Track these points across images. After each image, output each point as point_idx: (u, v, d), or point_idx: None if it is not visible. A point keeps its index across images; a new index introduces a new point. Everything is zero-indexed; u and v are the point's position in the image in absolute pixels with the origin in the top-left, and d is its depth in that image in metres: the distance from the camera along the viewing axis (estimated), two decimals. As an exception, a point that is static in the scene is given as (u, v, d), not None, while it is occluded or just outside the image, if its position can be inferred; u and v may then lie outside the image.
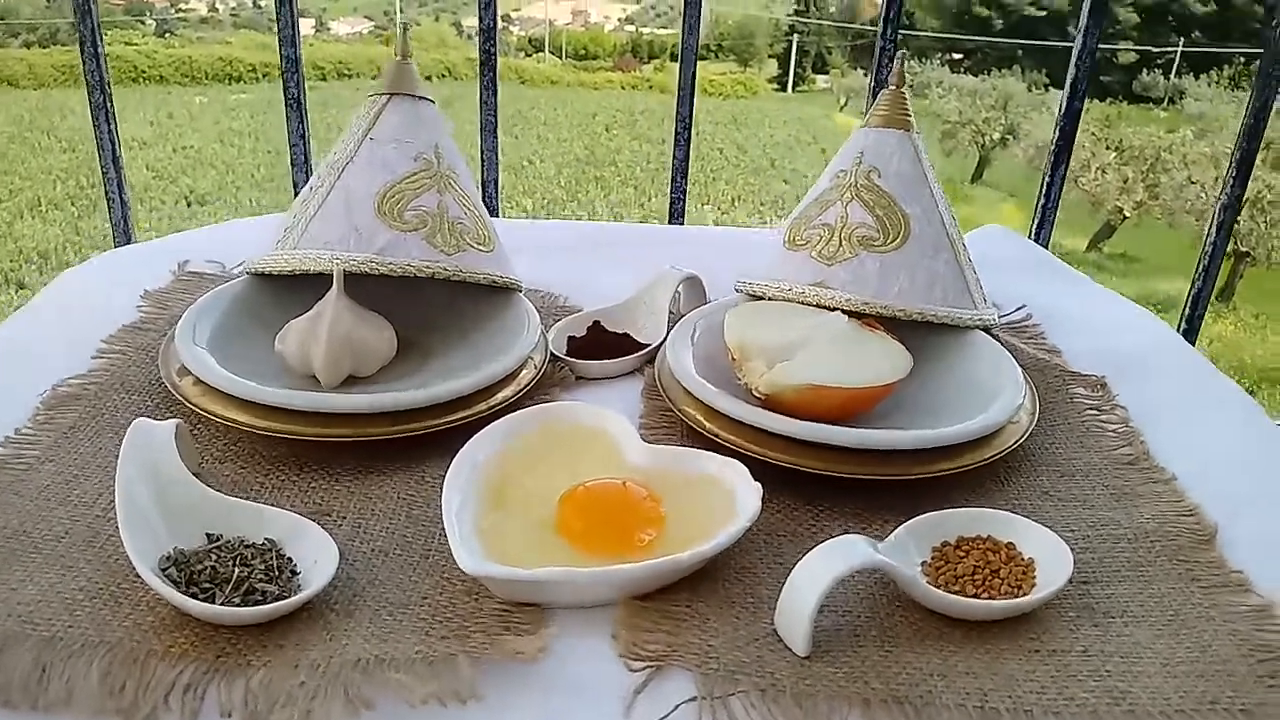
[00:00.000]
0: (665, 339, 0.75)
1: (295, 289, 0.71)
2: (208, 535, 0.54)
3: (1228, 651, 0.52)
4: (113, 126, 0.99)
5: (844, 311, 0.71)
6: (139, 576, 0.50)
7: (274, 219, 1.05)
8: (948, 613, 0.54)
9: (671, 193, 1.05)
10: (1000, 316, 0.87)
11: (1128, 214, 8.88)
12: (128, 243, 1.09)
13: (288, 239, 0.71)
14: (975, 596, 0.55)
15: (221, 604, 0.50)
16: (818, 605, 0.50)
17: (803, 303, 0.73)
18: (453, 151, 0.76)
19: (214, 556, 0.52)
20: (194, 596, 0.50)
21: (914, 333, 0.73)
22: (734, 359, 0.66)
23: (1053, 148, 1.04)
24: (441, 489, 0.58)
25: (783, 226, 0.79)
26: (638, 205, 10.19)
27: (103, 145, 1.00)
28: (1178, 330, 1.11)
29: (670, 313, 0.82)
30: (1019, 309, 0.88)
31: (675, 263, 0.93)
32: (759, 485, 0.57)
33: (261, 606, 0.49)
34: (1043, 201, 1.05)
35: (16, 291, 7.97)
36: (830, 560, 0.51)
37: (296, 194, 1.12)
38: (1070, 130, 1.02)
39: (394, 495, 0.61)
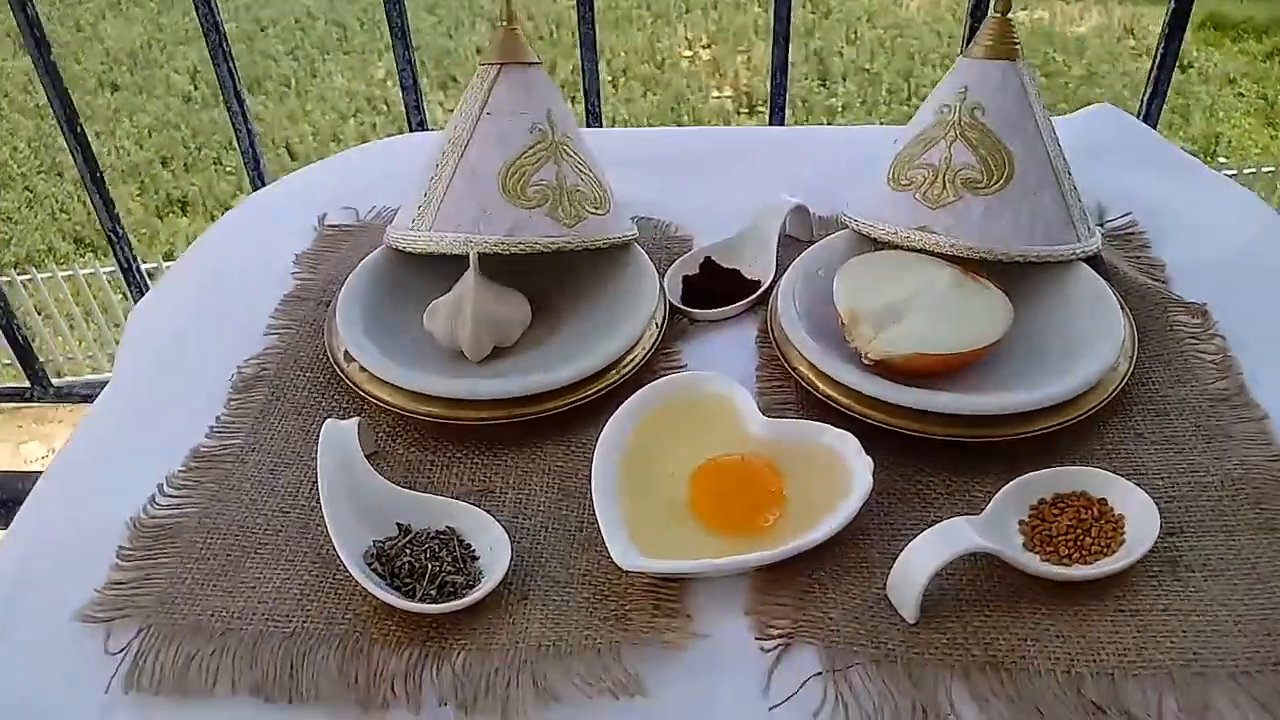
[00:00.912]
0: (774, 283, 0.80)
1: (433, 259, 0.78)
2: (398, 525, 0.64)
3: (1297, 608, 0.58)
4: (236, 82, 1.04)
5: (946, 257, 0.75)
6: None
7: (380, 146, 1.10)
8: (1042, 577, 0.61)
9: (771, 90, 1.05)
10: (1105, 222, 0.89)
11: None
12: (258, 169, 1.15)
13: (422, 219, 0.76)
14: (1068, 557, 0.62)
15: (421, 598, 0.60)
16: (925, 585, 0.58)
17: (907, 247, 0.77)
18: (564, 115, 0.79)
19: (409, 551, 0.62)
20: (397, 589, 0.61)
21: (1018, 268, 0.76)
22: (844, 324, 0.71)
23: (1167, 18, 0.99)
24: (585, 458, 0.67)
25: (886, 159, 0.81)
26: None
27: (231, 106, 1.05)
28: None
29: (780, 236, 0.86)
30: (1124, 216, 0.89)
31: (778, 171, 0.96)
32: (869, 459, 0.64)
33: (455, 602, 0.59)
34: (1155, 73, 1.02)
35: (112, 93, 8.14)
36: (937, 546, 0.58)
37: (409, 120, 1.16)
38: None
39: (546, 468, 0.70)
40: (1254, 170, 4.09)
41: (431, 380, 0.71)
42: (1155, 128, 1.08)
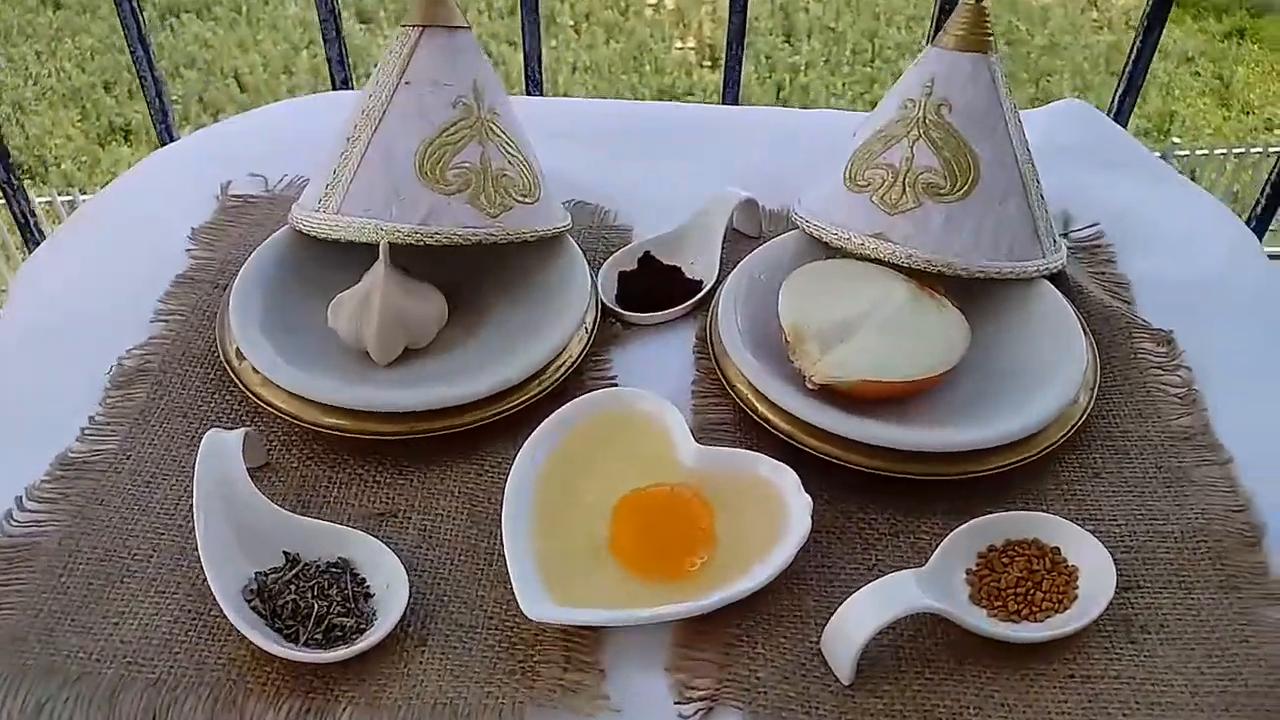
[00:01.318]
0: (718, 285, 0.74)
1: (345, 243, 0.70)
2: (285, 554, 0.58)
3: (1257, 680, 0.54)
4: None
5: (902, 268, 0.69)
6: (226, 607, 0.54)
7: (320, 101, 1.01)
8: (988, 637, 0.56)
9: (726, 62, 0.97)
10: (1070, 232, 0.84)
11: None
12: (165, 122, 1.05)
13: (329, 200, 0.69)
14: (1016, 612, 0.57)
15: (305, 642, 0.54)
16: (863, 646, 0.53)
17: (861, 256, 0.71)
18: (493, 86, 0.71)
19: (293, 588, 0.55)
20: (279, 631, 0.54)
21: (978, 283, 0.71)
22: (788, 341, 0.65)
23: (1148, 9, 0.93)
24: (499, 480, 0.61)
25: (844, 152, 0.74)
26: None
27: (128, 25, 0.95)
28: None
29: (726, 232, 0.79)
30: (1091, 226, 0.83)
31: (730, 154, 0.90)
32: (808, 498, 0.58)
33: (343, 649, 0.53)
34: (1129, 67, 0.96)
35: (55, 11, 7.76)
36: (878, 603, 0.53)
37: (333, 77, 1.07)
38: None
39: (456, 490, 0.63)
40: (1206, 151, 4.07)
41: (326, 386, 0.64)
42: (1126, 126, 1.02)
